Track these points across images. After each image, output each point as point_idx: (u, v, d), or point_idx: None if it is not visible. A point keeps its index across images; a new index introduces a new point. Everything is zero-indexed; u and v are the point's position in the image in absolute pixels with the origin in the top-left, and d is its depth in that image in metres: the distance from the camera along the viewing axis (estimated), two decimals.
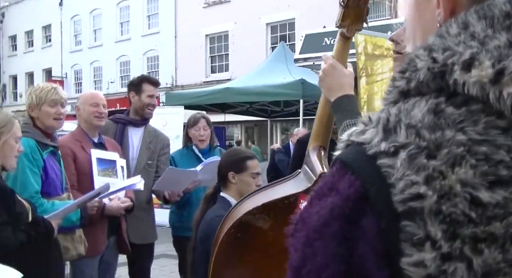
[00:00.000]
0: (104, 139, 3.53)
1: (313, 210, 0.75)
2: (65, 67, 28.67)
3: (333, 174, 0.75)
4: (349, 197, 0.70)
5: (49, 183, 2.93)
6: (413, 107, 0.72)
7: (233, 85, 9.56)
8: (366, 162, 0.70)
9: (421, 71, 0.73)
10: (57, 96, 3.02)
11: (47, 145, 2.98)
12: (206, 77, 21.23)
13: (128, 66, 25.14)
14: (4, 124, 2.44)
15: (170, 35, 23.03)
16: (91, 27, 27.36)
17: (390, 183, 0.67)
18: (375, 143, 0.70)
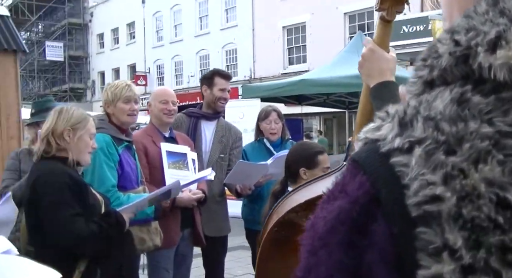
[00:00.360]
0: (176, 133, 3.58)
1: (321, 215, 0.68)
2: (148, 62, 29.73)
3: (344, 175, 0.68)
4: (358, 199, 0.62)
5: (125, 177, 3.02)
6: (435, 98, 0.64)
7: (309, 77, 9.44)
8: (379, 160, 0.63)
9: (443, 57, 0.64)
10: (130, 93, 3.09)
11: (122, 140, 3.07)
12: (284, 69, 21.19)
13: (208, 60, 25.62)
14: (79, 121, 2.53)
15: (247, 28, 23.19)
16: (171, 22, 28.14)
17: (404, 184, 0.59)
18: (390, 139, 0.62)
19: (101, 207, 2.57)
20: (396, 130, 0.63)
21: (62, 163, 2.46)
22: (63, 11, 36.11)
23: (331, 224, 0.65)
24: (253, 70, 23.02)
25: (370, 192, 0.62)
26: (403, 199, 0.59)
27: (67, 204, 2.35)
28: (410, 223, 0.58)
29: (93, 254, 2.45)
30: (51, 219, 2.36)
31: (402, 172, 0.60)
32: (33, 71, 37.13)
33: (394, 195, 0.60)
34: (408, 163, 0.60)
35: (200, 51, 26.18)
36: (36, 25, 38.47)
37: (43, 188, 2.38)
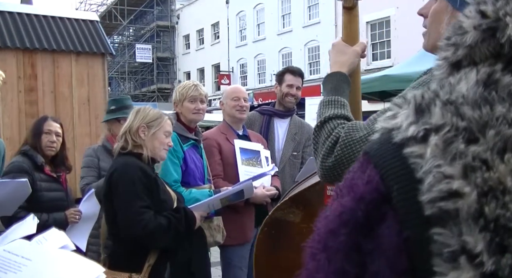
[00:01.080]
0: (249, 131, 3.61)
1: (324, 214, 0.61)
2: (231, 62, 30.24)
3: (355, 168, 0.60)
4: (364, 196, 0.54)
5: (189, 173, 3.09)
6: (459, 80, 0.55)
7: (392, 72, 9.15)
8: (391, 151, 0.55)
9: (469, 32, 0.56)
10: (196, 92, 3.20)
11: (188, 138, 3.15)
12: (368, 65, 20.72)
13: (290, 58, 25.61)
14: (154, 119, 2.65)
15: (330, 24, 22.92)
16: (254, 21, 28.42)
17: (418, 178, 0.51)
18: (404, 127, 0.55)
19: (173, 203, 2.64)
20: (412, 117, 0.55)
21: (137, 158, 2.57)
22: (152, 14, 37.63)
23: (332, 225, 0.58)
24: None
25: (379, 187, 0.55)
26: (417, 196, 0.52)
27: (137, 196, 2.44)
28: (424, 223, 0.51)
29: (162, 247, 2.51)
30: (122, 210, 2.46)
31: (417, 164, 0.53)
32: (124, 73, 39.02)
33: (406, 191, 0.53)
34: (423, 154, 0.52)
35: (282, 49, 26.23)
36: (127, 29, 40.39)
37: (117, 180, 2.50)
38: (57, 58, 6.48)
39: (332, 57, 1.64)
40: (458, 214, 0.49)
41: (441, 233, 0.49)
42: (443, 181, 0.50)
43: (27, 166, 3.24)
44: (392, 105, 0.61)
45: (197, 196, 2.97)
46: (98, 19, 7.58)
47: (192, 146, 3.18)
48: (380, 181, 0.55)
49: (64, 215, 3.30)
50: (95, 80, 6.74)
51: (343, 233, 0.56)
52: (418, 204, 0.51)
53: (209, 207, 2.80)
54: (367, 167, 0.58)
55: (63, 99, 6.46)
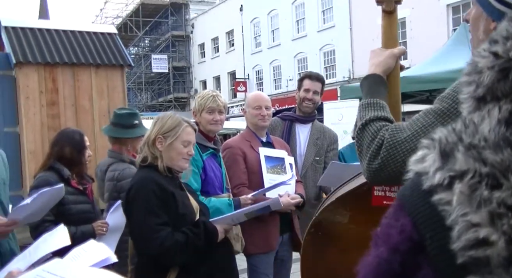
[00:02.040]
0: (272, 138, 3.60)
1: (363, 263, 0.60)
2: (247, 69, 30.32)
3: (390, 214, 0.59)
4: (398, 247, 0.54)
5: (208, 182, 3.08)
6: (483, 118, 0.55)
7: (410, 74, 9.08)
8: (421, 199, 0.54)
9: (484, 72, 0.56)
10: (214, 104, 3.18)
11: (207, 147, 3.15)
12: None
13: (306, 63, 25.60)
14: (171, 129, 2.56)
15: (345, 27, 22.87)
16: (269, 28, 28.48)
17: (448, 226, 0.51)
18: (431, 173, 0.54)
19: (194, 215, 2.56)
20: (438, 162, 0.55)
21: (156, 171, 2.51)
22: (167, 24, 37.94)
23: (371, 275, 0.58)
24: (352, 71, 22.63)
25: (413, 236, 0.55)
26: (448, 244, 0.51)
27: (153, 213, 2.37)
28: (458, 271, 0.50)
29: (180, 264, 2.45)
30: (137, 227, 2.42)
31: (446, 211, 0.52)
32: (141, 84, 39.36)
33: (438, 239, 0.52)
34: (451, 201, 0.52)
35: (297, 55, 26.23)
36: (143, 40, 40.77)
37: (133, 197, 2.45)
38: (77, 71, 6.57)
39: (369, 61, 1.67)
40: (489, 262, 0.48)
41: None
42: (471, 229, 0.49)
43: (54, 180, 3.27)
44: (421, 146, 0.61)
45: (217, 204, 2.95)
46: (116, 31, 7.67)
47: (211, 154, 3.18)
48: (413, 230, 0.55)
49: (92, 227, 3.31)
50: (114, 92, 6.81)
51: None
52: (450, 252, 0.51)
53: (233, 220, 2.73)
54: (400, 215, 0.58)
55: (84, 112, 6.54)
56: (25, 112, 6.18)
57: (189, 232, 2.43)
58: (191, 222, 2.52)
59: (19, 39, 6.44)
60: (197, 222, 2.53)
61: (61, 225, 1.50)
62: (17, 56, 6.19)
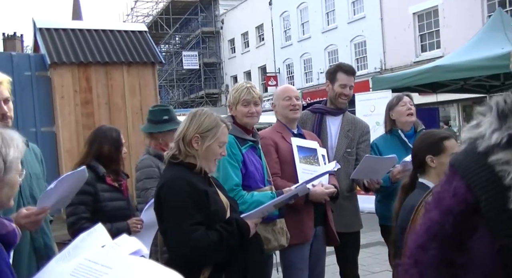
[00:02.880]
0: (304, 131, 3.58)
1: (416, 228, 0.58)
2: (277, 63, 30.24)
3: (442, 182, 0.57)
4: (451, 208, 0.53)
5: (249, 176, 3.04)
6: None
7: (443, 63, 8.90)
8: (477, 161, 0.53)
9: None
10: (249, 96, 3.14)
11: (246, 140, 3.12)
12: (417, 57, 20.24)
13: (336, 55, 25.36)
14: (209, 129, 2.49)
15: (375, 18, 22.54)
16: (298, 21, 28.32)
17: (507, 185, 0.49)
18: (488, 135, 0.53)
19: (225, 211, 2.52)
20: (495, 124, 0.54)
21: (188, 169, 2.46)
22: (197, 21, 38.15)
23: (421, 240, 0.57)
24: (383, 61, 22.31)
25: (467, 198, 0.53)
26: (507, 203, 0.49)
27: (187, 214, 2.34)
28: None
29: (215, 263, 2.42)
30: (171, 228, 2.39)
31: (504, 171, 0.51)
32: (173, 81, 39.73)
33: (496, 200, 0.51)
34: (510, 160, 0.51)
35: (328, 47, 26.01)
36: (174, 37, 41.12)
37: (165, 198, 2.41)
38: (109, 70, 6.68)
39: None
40: None
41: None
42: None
43: (89, 177, 3.33)
44: (476, 113, 0.58)
45: (260, 198, 2.91)
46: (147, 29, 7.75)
47: (251, 147, 3.14)
48: (468, 192, 0.54)
49: (126, 224, 3.36)
50: (146, 90, 6.90)
51: (432, 247, 0.55)
52: (508, 212, 0.50)
53: (263, 213, 2.68)
54: (454, 179, 0.56)
55: (117, 110, 6.65)
56: (61, 111, 6.32)
57: (223, 231, 2.39)
58: (223, 218, 2.47)
59: (53, 40, 6.58)
60: (230, 219, 2.48)
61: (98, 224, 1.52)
62: (51, 57, 6.33)
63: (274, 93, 3.68)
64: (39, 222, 2.44)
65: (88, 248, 1.31)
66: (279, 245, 3.07)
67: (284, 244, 3.10)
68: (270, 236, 3.02)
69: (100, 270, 1.13)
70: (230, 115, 3.23)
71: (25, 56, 6.97)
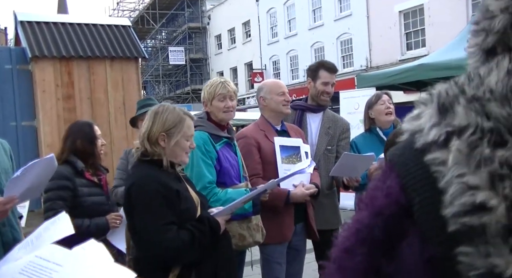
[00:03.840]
0: (287, 125, 3.55)
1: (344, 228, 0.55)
2: (264, 59, 30.22)
3: (379, 176, 0.55)
4: (382, 211, 0.49)
5: (224, 173, 3.02)
6: (490, 70, 0.47)
7: (428, 61, 8.94)
8: (413, 158, 0.49)
9: (497, 17, 0.48)
10: (224, 90, 3.10)
11: (220, 137, 3.09)
12: (402, 55, 20.35)
13: (323, 52, 25.38)
14: (174, 125, 2.44)
15: (362, 16, 22.60)
16: (285, 17, 28.30)
17: (440, 189, 0.45)
18: (426, 130, 0.48)
19: (196, 209, 2.48)
20: (435, 118, 0.49)
21: (157, 167, 2.41)
22: (183, 16, 37.93)
23: (348, 243, 0.52)
24: (369, 59, 22.40)
25: (400, 200, 0.49)
26: (440, 209, 0.45)
27: (158, 214, 2.30)
28: (448, 240, 0.44)
29: (187, 262, 2.39)
30: (142, 228, 2.34)
31: (439, 172, 0.46)
32: (159, 76, 39.48)
33: (429, 203, 0.46)
34: (446, 160, 0.46)
35: (314, 44, 26.03)
36: (160, 32, 40.84)
37: (136, 196, 2.35)
38: (92, 64, 6.61)
39: None
40: (485, 231, 0.42)
41: (467, 252, 0.43)
42: (467, 192, 0.43)
43: (68, 172, 3.29)
44: (417, 102, 0.55)
45: (234, 196, 2.88)
46: (130, 24, 7.69)
47: (225, 144, 3.12)
48: (401, 192, 0.49)
49: (106, 220, 3.33)
50: (129, 85, 6.84)
51: (359, 252, 0.50)
52: (441, 218, 0.45)
53: (231, 210, 2.65)
54: (389, 176, 0.52)
55: (99, 105, 6.59)
56: (42, 106, 6.25)
57: (194, 230, 2.35)
58: (194, 216, 2.44)
59: (35, 33, 6.49)
60: (202, 218, 2.44)
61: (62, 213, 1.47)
62: (33, 50, 6.25)
63: (261, 87, 3.59)
64: (6, 212, 2.39)
65: (49, 238, 1.28)
66: (254, 242, 3.07)
67: (260, 240, 3.09)
68: (245, 233, 3.01)
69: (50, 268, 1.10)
70: (204, 112, 3.19)
71: (6, 49, 6.88)
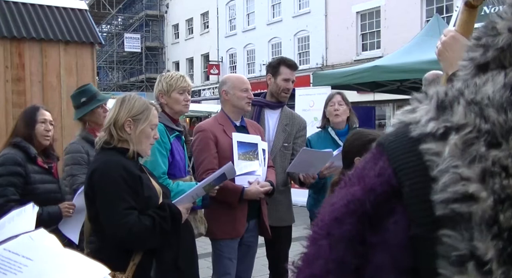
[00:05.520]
0: (247, 121, 3.55)
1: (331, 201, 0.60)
2: (221, 52, 30.08)
3: (367, 158, 0.59)
4: (375, 188, 0.54)
5: (175, 165, 3.06)
6: (486, 81, 0.53)
7: (382, 63, 9.16)
8: (407, 146, 0.53)
9: (502, 34, 0.54)
10: (185, 83, 3.16)
11: (173, 130, 3.13)
12: (357, 56, 20.72)
13: (280, 48, 25.51)
14: (141, 112, 2.47)
15: (320, 14, 22.84)
16: (244, 11, 28.24)
17: (432, 176, 0.50)
18: (423, 122, 0.53)
19: (158, 198, 2.52)
20: (433, 113, 0.54)
21: (121, 154, 2.43)
22: (141, 3, 37.25)
23: (338, 213, 0.57)
24: (325, 58, 22.68)
25: (391, 181, 0.54)
26: (429, 194, 0.50)
27: (120, 198, 2.32)
28: (433, 223, 0.49)
29: (148, 248, 2.41)
30: (105, 213, 2.35)
31: (432, 161, 0.51)
32: (113, 63, 38.68)
33: (419, 187, 0.51)
34: (441, 152, 0.51)
35: (272, 39, 26.12)
36: (116, 18, 39.96)
37: (98, 182, 2.37)
38: (45, 47, 6.39)
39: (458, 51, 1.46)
40: (471, 218, 0.47)
41: (451, 235, 0.48)
42: (459, 182, 0.48)
43: (20, 158, 3.19)
44: (412, 99, 0.59)
45: (185, 188, 2.91)
46: (87, 7, 7.48)
47: (176, 137, 3.15)
48: (393, 175, 0.54)
49: (58, 209, 3.25)
50: (83, 70, 6.66)
51: (348, 222, 0.55)
52: (429, 202, 0.50)
53: (193, 197, 2.69)
54: (380, 159, 0.56)
55: (51, 89, 6.39)
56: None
57: (156, 216, 2.39)
58: (156, 204, 2.47)
59: None
60: (163, 205, 2.48)
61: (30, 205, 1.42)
62: None
63: (225, 80, 3.56)
64: None
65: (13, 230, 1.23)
66: (198, 234, 3.14)
67: (203, 232, 3.17)
68: (192, 224, 3.06)
69: (20, 262, 1.06)
70: (157, 103, 3.18)
71: None
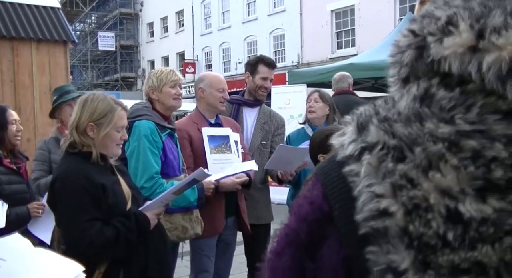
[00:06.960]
0: (222, 118, 3.54)
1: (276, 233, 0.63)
2: (196, 50, 29.95)
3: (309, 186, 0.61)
4: (306, 217, 0.56)
5: (168, 164, 3.00)
6: (402, 95, 0.56)
7: (357, 61, 9.24)
8: (335, 169, 0.56)
9: (406, 51, 0.57)
10: (176, 77, 3.10)
11: (165, 127, 3.06)
12: (332, 54, 20.86)
13: (255, 46, 25.53)
14: (104, 115, 2.33)
15: (295, 12, 22.92)
16: (219, 9, 28.16)
17: (354, 197, 0.52)
18: (346, 145, 0.56)
19: (126, 202, 2.41)
20: (354, 135, 0.56)
21: (85, 159, 2.31)
22: (115, 1, 36.83)
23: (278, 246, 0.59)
24: (301, 56, 22.78)
25: (323, 207, 0.56)
26: (354, 215, 0.52)
27: (81, 209, 2.21)
28: (360, 241, 0.51)
29: (111, 259, 2.31)
30: (66, 224, 2.27)
31: (354, 182, 0.53)
32: (87, 62, 38.17)
33: (346, 209, 0.53)
34: (359, 172, 0.53)
35: (247, 38, 26.11)
36: (90, 16, 39.43)
37: (59, 191, 2.27)
38: (16, 46, 6.28)
39: None
40: (387, 233, 0.49)
41: (373, 251, 0.50)
42: (374, 200, 0.50)
43: None
44: (344, 122, 0.61)
45: (155, 199, 2.85)
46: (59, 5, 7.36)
47: (169, 135, 3.09)
48: (324, 200, 0.56)
49: (27, 209, 3.20)
50: (57, 69, 6.56)
51: (286, 253, 0.57)
52: (355, 223, 0.52)
53: (162, 203, 2.57)
54: (316, 186, 0.58)
55: (23, 88, 6.27)
56: None
57: (120, 226, 2.27)
58: (123, 210, 2.35)
59: None
60: (129, 213, 2.36)
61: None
62: None
63: (202, 78, 3.54)
64: None
65: None
66: (194, 233, 3.10)
67: (199, 232, 3.12)
68: (188, 225, 3.02)
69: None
70: (147, 100, 3.13)
71: None
